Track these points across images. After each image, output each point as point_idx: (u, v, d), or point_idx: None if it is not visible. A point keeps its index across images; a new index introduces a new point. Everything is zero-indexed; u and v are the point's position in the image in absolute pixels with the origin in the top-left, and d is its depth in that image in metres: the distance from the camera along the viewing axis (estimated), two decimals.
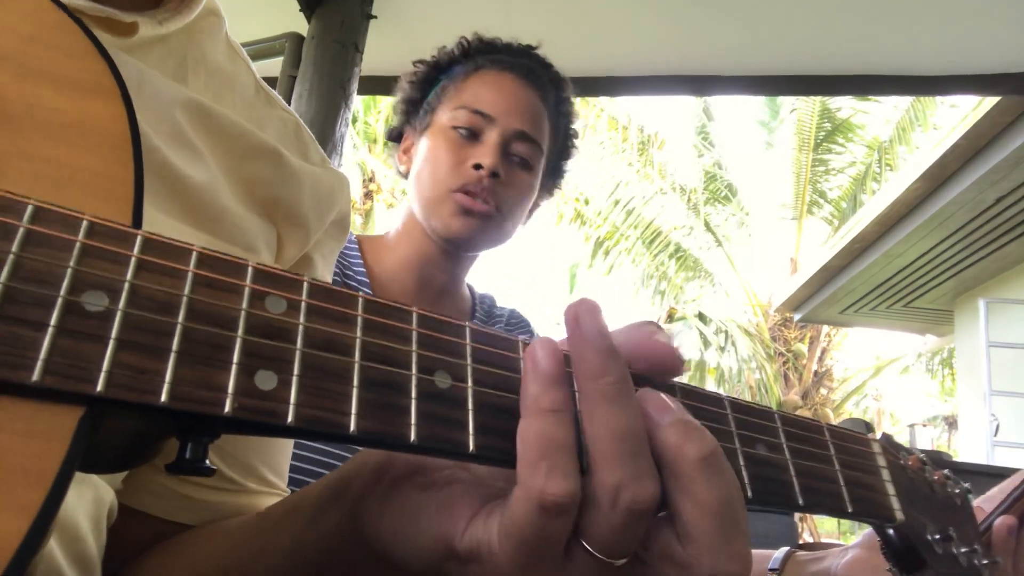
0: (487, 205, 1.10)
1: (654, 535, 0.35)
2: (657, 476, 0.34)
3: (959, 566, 0.47)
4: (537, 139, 1.16)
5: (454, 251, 1.17)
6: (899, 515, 0.45)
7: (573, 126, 1.28)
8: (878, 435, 0.48)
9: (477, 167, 1.09)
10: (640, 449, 0.33)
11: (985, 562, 0.49)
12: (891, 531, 0.46)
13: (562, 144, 1.26)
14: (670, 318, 12.78)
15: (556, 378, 0.34)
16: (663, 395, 0.36)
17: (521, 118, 1.14)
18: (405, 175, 1.22)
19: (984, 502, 0.76)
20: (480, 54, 1.21)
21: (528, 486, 0.32)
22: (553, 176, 1.27)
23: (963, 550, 0.48)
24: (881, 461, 0.46)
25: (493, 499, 0.35)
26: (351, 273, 1.15)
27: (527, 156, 1.15)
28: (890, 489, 0.45)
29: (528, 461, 0.32)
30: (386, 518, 0.38)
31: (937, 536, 0.46)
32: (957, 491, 0.52)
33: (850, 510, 0.42)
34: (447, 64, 1.22)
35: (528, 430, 0.33)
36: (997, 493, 0.77)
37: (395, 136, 1.27)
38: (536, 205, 1.27)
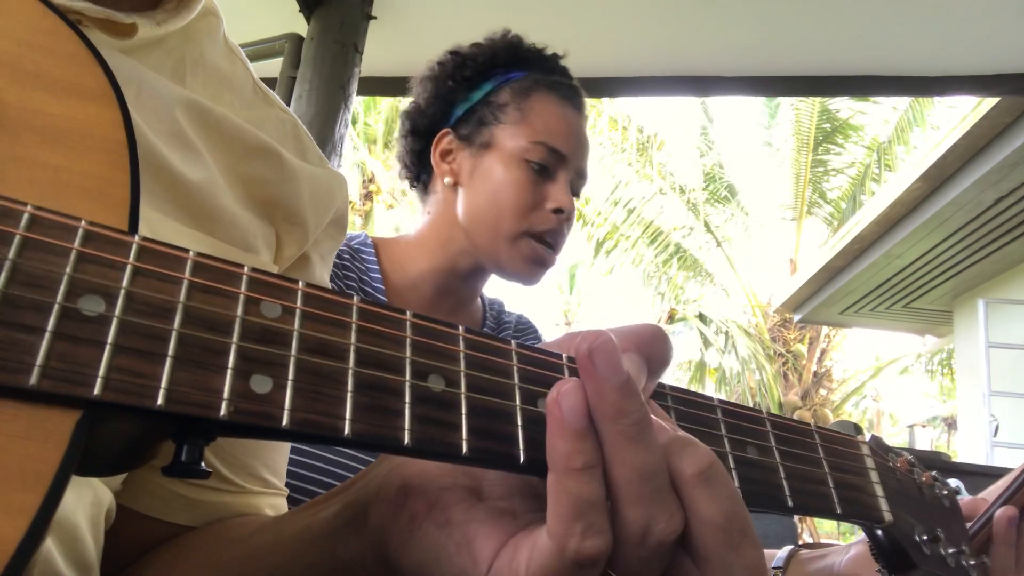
0: (557, 253, 1.14)
1: (673, 559, 0.35)
2: (681, 507, 0.34)
3: (947, 567, 0.48)
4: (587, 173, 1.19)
5: (495, 276, 1.17)
6: (887, 516, 0.45)
7: None
8: (868, 437, 0.49)
9: (558, 211, 1.10)
10: (664, 484, 0.33)
11: (973, 563, 0.49)
12: (880, 532, 0.46)
13: None
14: (670, 319, 12.79)
15: (585, 432, 0.33)
16: (654, 416, 0.36)
17: (583, 157, 1.17)
18: (452, 186, 1.16)
19: (988, 495, 0.77)
20: (523, 62, 1.19)
21: (563, 544, 0.32)
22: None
23: (951, 551, 0.48)
24: (870, 463, 0.47)
25: (514, 532, 0.35)
26: (367, 279, 1.13)
27: (579, 190, 1.18)
28: (878, 491, 0.46)
29: (562, 520, 0.32)
30: (407, 556, 0.38)
31: (925, 537, 0.47)
32: (945, 492, 0.52)
33: (839, 511, 0.42)
34: (490, 66, 1.18)
35: (561, 490, 0.32)
36: (1001, 485, 0.77)
37: (422, 131, 1.20)
38: None
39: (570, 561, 0.32)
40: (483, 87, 1.17)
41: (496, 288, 1.37)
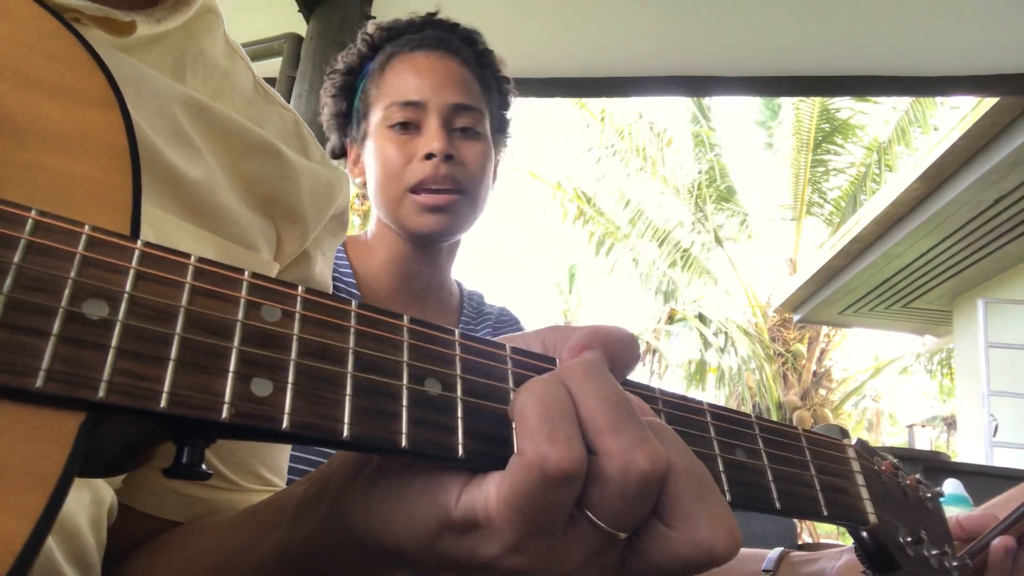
0: (450, 195, 1.09)
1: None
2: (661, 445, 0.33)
3: (930, 568, 0.48)
4: (475, 105, 1.14)
5: (429, 245, 1.17)
6: (872, 518, 0.46)
7: (502, 73, 1.24)
8: (855, 440, 0.49)
9: (429, 156, 1.08)
10: (636, 414, 0.33)
11: (955, 564, 0.50)
12: (865, 533, 0.47)
13: (498, 97, 1.23)
14: (671, 319, 12.79)
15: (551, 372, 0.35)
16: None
17: (451, 90, 1.11)
18: (363, 186, 1.20)
19: (993, 507, 0.77)
20: (386, 43, 1.19)
21: (529, 455, 0.30)
22: (501, 130, 1.25)
23: (934, 552, 0.49)
24: (855, 466, 0.48)
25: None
26: (338, 275, 1.16)
27: (472, 125, 1.13)
28: (864, 493, 0.47)
29: (527, 429, 0.31)
30: (373, 501, 0.37)
31: (909, 538, 0.48)
32: (929, 495, 0.53)
33: (825, 513, 0.43)
34: (359, 64, 1.21)
35: (524, 399, 0.32)
36: (1002, 502, 0.77)
37: (339, 153, 1.25)
38: (495, 163, 1.26)
39: (540, 474, 0.30)
40: (358, 88, 1.20)
41: (496, 287, 1.37)
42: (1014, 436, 5.28)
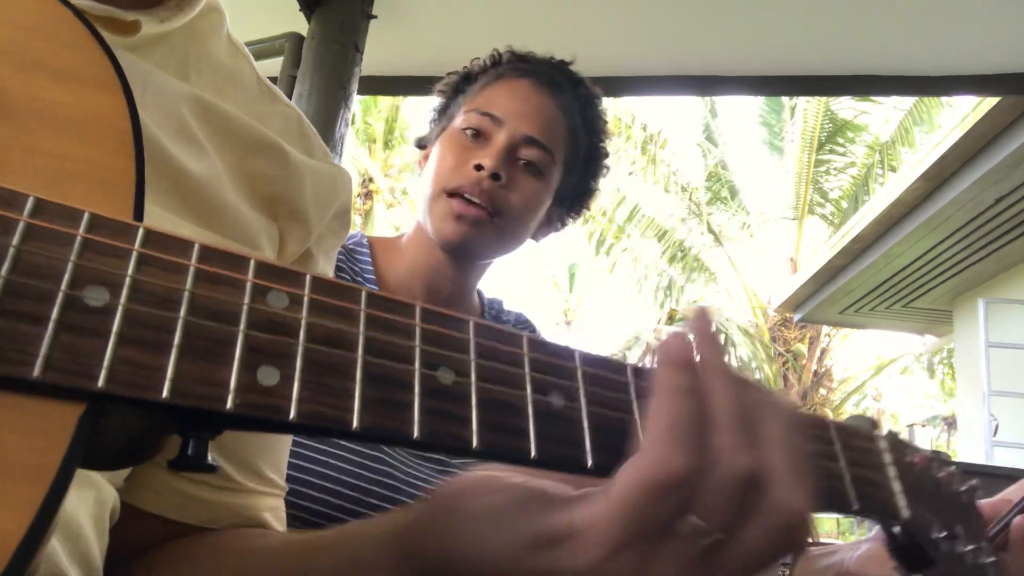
0: (479, 210, 1.07)
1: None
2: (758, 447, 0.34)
3: (964, 565, 0.47)
4: (548, 145, 1.12)
5: (457, 258, 1.14)
6: (905, 513, 0.45)
7: (603, 144, 1.23)
8: (885, 431, 0.48)
9: (478, 168, 1.07)
10: (746, 419, 0.35)
11: (991, 560, 0.48)
12: (897, 529, 0.45)
13: (587, 160, 1.22)
14: (671, 319, 12.79)
15: (688, 363, 0.35)
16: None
17: (531, 122, 1.11)
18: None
19: (1008, 495, 0.76)
20: (508, 64, 1.19)
21: (653, 457, 0.32)
22: (577, 194, 1.24)
23: (968, 548, 0.48)
24: (887, 458, 0.46)
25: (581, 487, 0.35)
26: (361, 280, 1.14)
27: (536, 161, 1.11)
28: (896, 487, 0.45)
29: (658, 432, 0.33)
30: (462, 523, 0.38)
31: (943, 534, 0.46)
32: (963, 489, 0.52)
33: (856, 507, 0.41)
34: (476, 74, 1.21)
35: (661, 410, 0.34)
36: (1015, 489, 0.76)
37: (421, 145, 1.25)
38: (555, 221, 1.24)
39: (657, 476, 0.31)
40: (464, 93, 1.21)
41: (496, 287, 1.37)
42: (1014, 436, 5.27)
